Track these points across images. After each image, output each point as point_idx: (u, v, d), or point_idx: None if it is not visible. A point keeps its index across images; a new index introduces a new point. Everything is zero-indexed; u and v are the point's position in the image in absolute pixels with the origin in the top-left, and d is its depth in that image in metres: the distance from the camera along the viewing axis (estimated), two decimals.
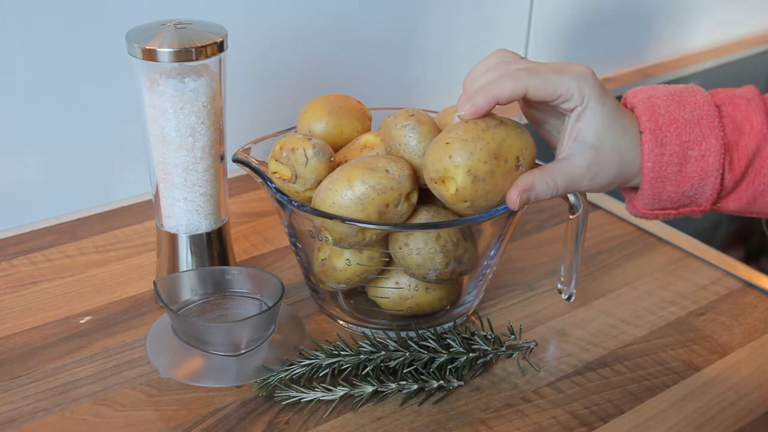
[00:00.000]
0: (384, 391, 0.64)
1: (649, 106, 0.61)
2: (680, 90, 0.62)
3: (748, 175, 0.61)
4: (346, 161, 0.68)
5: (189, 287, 0.69)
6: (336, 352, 0.65)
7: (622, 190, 0.66)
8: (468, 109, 0.60)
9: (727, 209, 0.63)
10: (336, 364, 0.64)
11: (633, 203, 0.64)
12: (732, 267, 0.81)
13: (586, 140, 0.60)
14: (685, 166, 0.60)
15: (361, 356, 0.65)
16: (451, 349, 0.66)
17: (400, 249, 0.65)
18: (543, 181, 0.60)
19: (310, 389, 0.63)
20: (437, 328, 0.69)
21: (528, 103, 0.63)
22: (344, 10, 1.00)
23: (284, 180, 0.66)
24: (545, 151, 1.08)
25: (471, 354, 0.66)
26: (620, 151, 0.60)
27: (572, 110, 0.60)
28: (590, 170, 0.60)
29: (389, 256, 0.67)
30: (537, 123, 0.65)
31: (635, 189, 0.64)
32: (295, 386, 0.63)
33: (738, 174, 0.60)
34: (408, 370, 0.65)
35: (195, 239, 0.72)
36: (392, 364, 0.65)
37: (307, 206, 0.65)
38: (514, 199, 0.60)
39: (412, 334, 0.68)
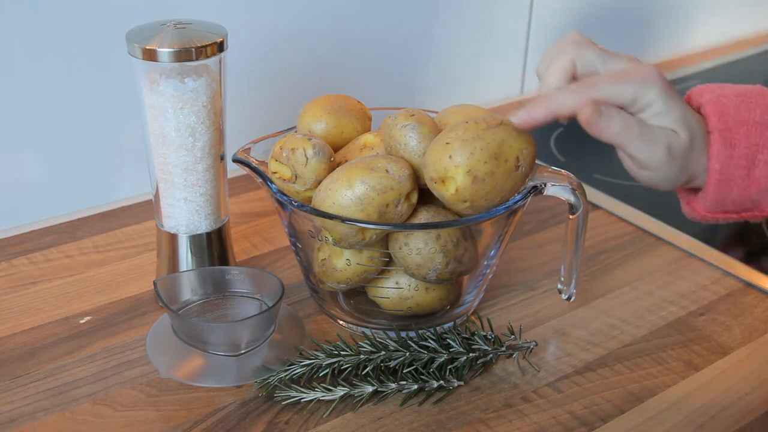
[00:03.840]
0: (384, 391, 0.64)
1: (718, 106, 0.59)
2: (749, 91, 0.61)
3: None
4: (346, 161, 0.68)
5: (189, 287, 0.69)
6: (336, 352, 0.65)
7: (678, 193, 0.65)
8: (523, 118, 0.59)
9: None
10: (336, 364, 0.64)
11: (692, 205, 0.63)
12: (732, 267, 0.81)
13: (668, 128, 0.58)
14: (754, 169, 0.58)
15: (361, 356, 0.65)
16: (451, 349, 0.66)
17: (400, 249, 0.65)
18: (619, 117, 0.57)
19: (310, 389, 0.63)
20: (437, 328, 0.69)
21: None
22: (344, 10, 1.00)
23: (284, 180, 0.66)
24: (546, 152, 1.08)
25: (471, 354, 0.66)
26: (696, 151, 0.59)
27: (644, 113, 0.59)
28: (671, 153, 0.58)
29: (389, 256, 0.67)
30: None
31: (693, 191, 0.63)
32: (295, 386, 0.63)
33: None
34: (408, 370, 0.65)
35: (195, 239, 0.72)
36: (392, 364, 0.65)
37: (307, 206, 0.65)
38: (587, 107, 0.57)
39: (412, 334, 0.68)
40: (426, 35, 1.09)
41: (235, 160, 0.69)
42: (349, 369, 0.64)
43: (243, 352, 0.65)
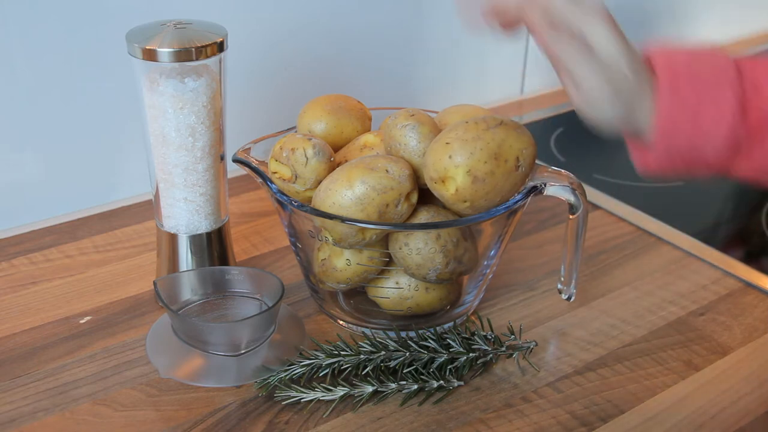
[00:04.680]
0: (384, 391, 0.64)
1: (665, 55, 0.59)
2: (698, 46, 0.61)
3: (764, 136, 0.58)
4: (346, 161, 0.68)
5: (189, 287, 0.69)
6: (336, 352, 0.65)
7: (631, 150, 0.64)
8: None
9: (742, 173, 0.61)
10: (336, 364, 0.64)
11: (645, 159, 0.62)
12: (732, 267, 0.81)
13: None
14: (699, 116, 0.58)
15: (361, 356, 0.65)
16: (451, 349, 0.66)
17: (400, 249, 0.65)
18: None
19: (310, 389, 0.63)
20: (437, 328, 0.69)
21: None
22: (344, 10, 1.00)
23: (284, 180, 0.66)
24: (546, 152, 1.08)
25: (471, 354, 0.66)
26: (630, 84, 0.58)
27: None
28: (609, 81, 0.57)
29: (389, 256, 0.67)
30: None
31: (643, 145, 0.62)
32: (295, 386, 0.63)
33: (753, 132, 0.58)
34: (408, 370, 0.65)
35: (195, 239, 0.72)
36: (392, 364, 0.65)
37: (307, 206, 0.65)
38: (538, 10, 0.56)
39: (412, 334, 0.68)
40: (426, 35, 1.09)
41: (235, 160, 0.69)
42: (349, 369, 0.64)
43: (243, 352, 0.65)
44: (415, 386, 0.64)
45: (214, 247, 0.73)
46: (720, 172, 0.61)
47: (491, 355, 0.67)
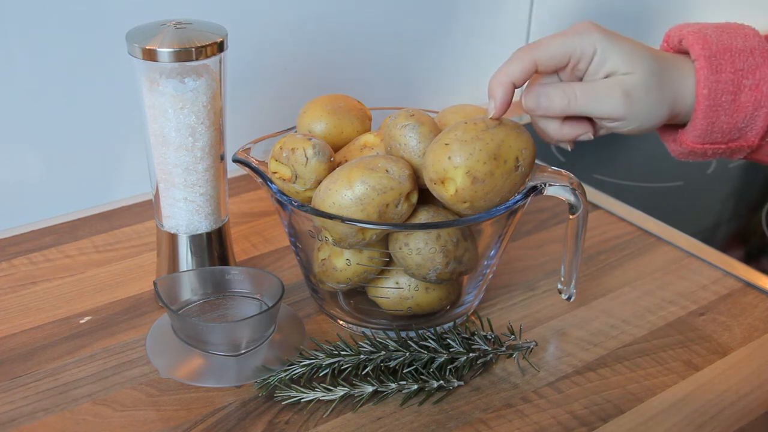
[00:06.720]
0: (384, 391, 0.64)
1: (700, 36, 0.60)
2: (727, 23, 0.62)
3: None
4: (346, 161, 0.68)
5: (189, 287, 0.69)
6: (336, 352, 0.65)
7: (661, 135, 0.65)
8: (493, 107, 0.60)
9: (763, 156, 0.62)
10: (336, 364, 0.64)
11: (681, 139, 0.63)
12: (732, 267, 0.81)
13: (619, 70, 0.59)
14: (740, 95, 0.59)
15: (361, 356, 0.65)
16: (451, 349, 0.66)
17: (400, 249, 0.65)
18: (558, 90, 0.58)
19: (310, 389, 0.63)
20: (437, 328, 0.69)
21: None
22: (345, 10, 1.00)
23: (284, 180, 0.66)
24: (546, 152, 1.08)
25: (471, 354, 0.66)
26: (668, 80, 0.59)
27: (592, 64, 0.59)
28: (629, 96, 0.58)
29: (389, 256, 0.67)
30: None
31: (678, 127, 0.63)
32: (295, 386, 0.63)
33: None
34: (408, 370, 0.65)
35: (195, 239, 0.72)
36: (392, 364, 0.65)
37: (307, 206, 0.65)
38: (524, 97, 0.58)
39: (412, 334, 0.68)
40: (426, 35, 1.09)
41: (235, 160, 0.69)
42: (349, 369, 0.64)
43: (243, 352, 0.65)
44: (415, 386, 0.64)
45: (214, 247, 0.73)
46: (756, 147, 0.62)
47: (491, 355, 0.67)
